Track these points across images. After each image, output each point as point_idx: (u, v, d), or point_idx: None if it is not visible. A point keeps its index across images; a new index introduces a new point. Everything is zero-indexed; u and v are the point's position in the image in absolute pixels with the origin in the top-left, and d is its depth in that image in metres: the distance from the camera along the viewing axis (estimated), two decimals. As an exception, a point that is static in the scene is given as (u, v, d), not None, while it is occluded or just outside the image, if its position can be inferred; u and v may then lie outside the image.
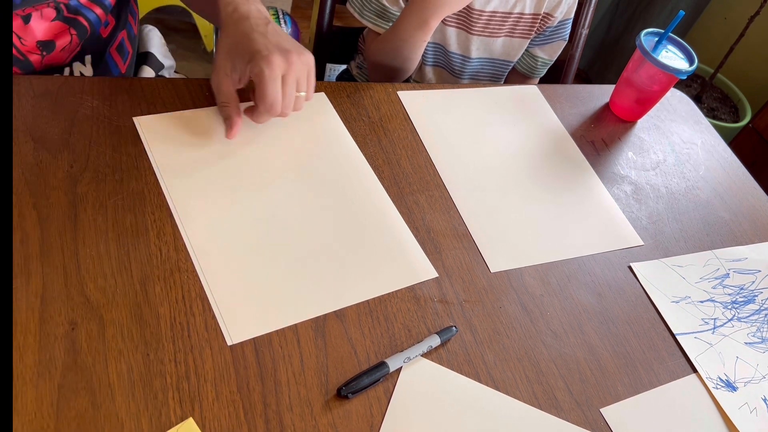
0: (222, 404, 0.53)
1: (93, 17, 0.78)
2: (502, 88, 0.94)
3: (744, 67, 2.05)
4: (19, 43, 0.73)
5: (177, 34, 1.01)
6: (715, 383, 0.67)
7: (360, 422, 0.55)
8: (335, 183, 0.72)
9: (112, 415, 0.50)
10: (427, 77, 1.09)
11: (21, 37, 0.72)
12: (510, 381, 0.61)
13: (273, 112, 0.69)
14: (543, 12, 1.02)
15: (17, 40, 0.72)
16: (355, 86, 0.85)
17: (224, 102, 0.71)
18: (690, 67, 0.87)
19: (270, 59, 0.66)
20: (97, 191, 0.63)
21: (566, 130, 0.90)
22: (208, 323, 0.57)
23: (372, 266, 0.66)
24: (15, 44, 0.72)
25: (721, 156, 0.96)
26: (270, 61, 0.66)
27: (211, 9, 0.75)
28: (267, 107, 0.68)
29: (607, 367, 0.65)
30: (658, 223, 0.82)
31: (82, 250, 0.58)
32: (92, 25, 0.79)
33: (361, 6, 0.96)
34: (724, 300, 0.75)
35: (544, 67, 1.11)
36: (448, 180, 0.77)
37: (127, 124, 0.70)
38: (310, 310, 0.61)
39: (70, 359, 0.52)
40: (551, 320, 0.67)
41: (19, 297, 0.54)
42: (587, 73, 2.37)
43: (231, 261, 0.62)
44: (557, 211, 0.79)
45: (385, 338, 0.61)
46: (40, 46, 0.74)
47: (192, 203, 0.65)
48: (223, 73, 0.71)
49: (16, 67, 0.74)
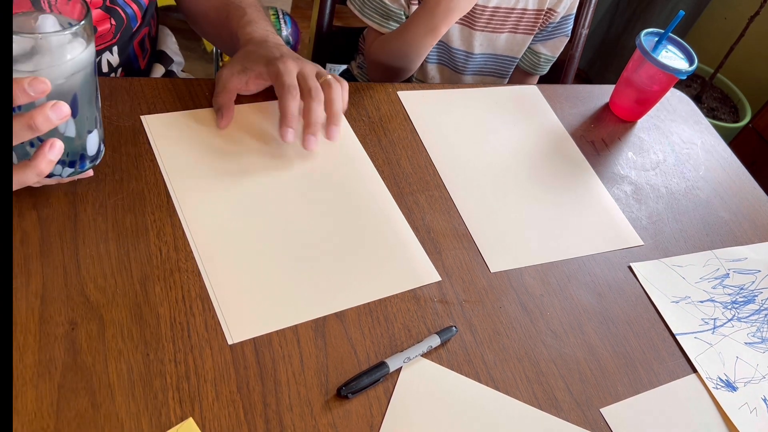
0: (222, 404, 0.53)
1: (130, 12, 0.82)
2: (502, 88, 0.94)
3: (744, 67, 2.05)
4: None
5: (177, 34, 1.02)
6: (715, 383, 0.67)
7: (360, 422, 0.55)
8: (340, 185, 0.72)
9: (112, 415, 0.50)
10: (429, 75, 1.09)
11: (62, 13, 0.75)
12: (510, 381, 0.61)
13: (293, 92, 0.70)
14: (546, 8, 1.02)
15: None
16: (355, 86, 0.85)
17: (220, 91, 0.73)
18: (690, 67, 0.87)
19: (285, 60, 0.71)
20: (97, 191, 0.63)
21: (566, 130, 0.90)
22: (208, 323, 0.57)
23: (375, 268, 0.65)
24: None
25: (721, 156, 0.96)
26: (285, 61, 0.71)
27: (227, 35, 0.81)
28: (287, 90, 0.70)
29: (607, 367, 0.65)
30: (658, 223, 0.82)
31: (82, 250, 0.58)
32: (129, 19, 0.82)
33: (362, 4, 0.97)
34: (724, 300, 0.75)
35: (547, 63, 1.11)
36: (448, 180, 0.77)
37: (127, 124, 0.70)
38: (312, 311, 0.60)
39: (70, 359, 0.52)
40: (551, 320, 0.67)
41: (19, 297, 0.54)
42: (587, 73, 2.37)
43: (233, 260, 0.62)
44: (557, 211, 0.79)
45: (385, 338, 0.61)
46: None
47: (197, 202, 0.65)
48: (230, 70, 0.74)
49: None
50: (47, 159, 0.52)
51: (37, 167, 0.52)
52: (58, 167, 0.57)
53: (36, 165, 0.52)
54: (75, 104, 0.54)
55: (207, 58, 1.97)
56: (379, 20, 0.96)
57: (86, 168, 0.59)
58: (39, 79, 0.48)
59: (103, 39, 0.80)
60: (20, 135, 0.49)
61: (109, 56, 0.83)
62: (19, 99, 0.48)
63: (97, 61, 0.82)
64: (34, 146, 0.54)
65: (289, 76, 0.70)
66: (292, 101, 0.70)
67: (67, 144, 0.55)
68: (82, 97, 0.55)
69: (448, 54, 1.06)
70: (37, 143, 0.53)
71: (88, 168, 0.60)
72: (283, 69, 0.70)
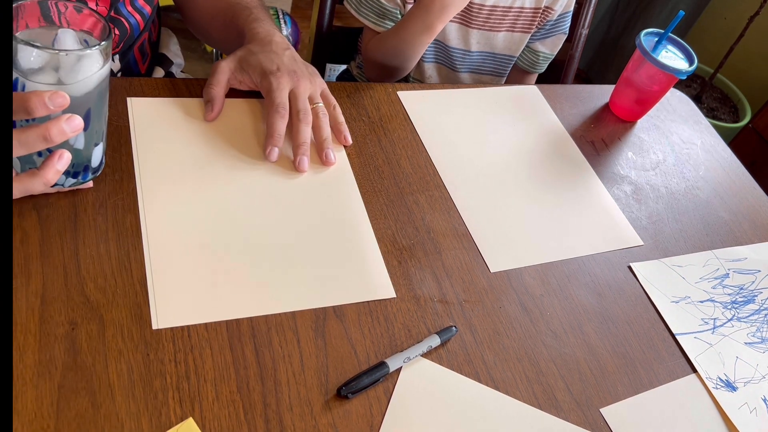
0: (222, 404, 0.53)
1: (134, 22, 0.83)
2: (502, 88, 0.94)
3: (744, 67, 2.05)
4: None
5: (177, 34, 1.02)
6: (715, 383, 0.67)
7: (360, 422, 0.55)
8: (313, 189, 0.71)
9: (112, 415, 0.50)
10: (426, 74, 1.09)
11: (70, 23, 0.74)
12: (510, 381, 0.61)
13: (281, 112, 0.70)
14: (543, 6, 1.02)
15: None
16: (355, 86, 0.85)
17: (213, 83, 0.73)
18: (690, 67, 0.87)
19: (279, 76, 0.72)
20: (97, 191, 0.63)
21: (566, 130, 0.90)
22: (208, 323, 0.57)
23: (328, 276, 0.64)
24: None
25: (721, 156, 0.96)
26: (279, 77, 0.72)
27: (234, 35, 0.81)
28: (275, 108, 0.70)
29: (607, 367, 0.65)
30: (658, 223, 0.82)
31: (82, 250, 0.58)
32: (132, 29, 0.83)
33: (358, 3, 0.97)
34: (724, 300, 0.75)
35: (546, 61, 1.11)
36: (448, 180, 0.77)
37: (127, 125, 0.70)
38: (249, 309, 0.59)
39: (70, 359, 0.52)
40: (551, 320, 0.67)
41: (19, 297, 0.54)
42: (587, 73, 2.37)
43: (179, 249, 0.61)
44: (557, 211, 0.79)
45: (385, 338, 0.61)
46: None
47: (160, 188, 0.65)
48: (228, 65, 0.74)
49: None
50: (55, 169, 0.53)
51: (45, 177, 0.53)
52: (61, 177, 0.58)
53: (44, 174, 0.53)
54: (88, 118, 0.55)
55: (207, 59, 1.97)
56: (375, 19, 0.96)
57: (88, 179, 0.61)
58: (59, 93, 0.50)
59: None
60: (34, 145, 0.51)
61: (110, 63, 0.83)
62: (38, 111, 0.49)
63: None
64: (42, 155, 0.55)
65: (281, 93, 0.71)
66: (280, 120, 0.70)
67: (74, 155, 0.56)
68: (95, 112, 0.56)
69: (445, 52, 1.06)
70: (45, 153, 0.54)
71: (90, 179, 0.61)
72: (276, 85, 0.71)
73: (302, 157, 0.71)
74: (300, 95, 0.72)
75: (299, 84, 0.73)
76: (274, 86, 0.71)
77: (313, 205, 0.69)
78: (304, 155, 0.71)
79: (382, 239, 0.68)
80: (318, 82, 0.76)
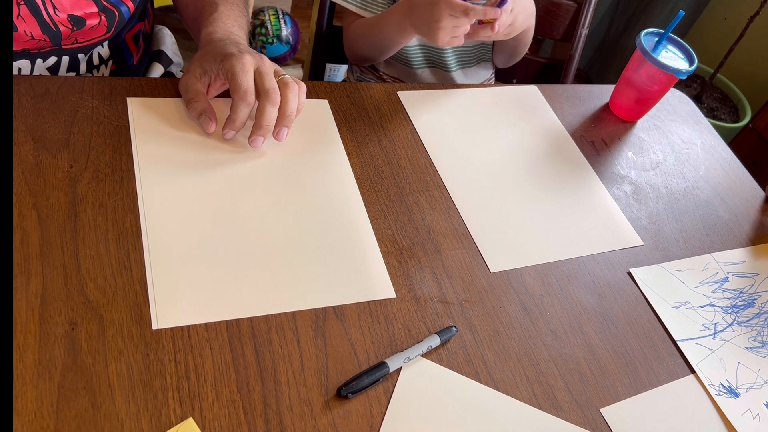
0: (222, 404, 0.53)
1: (125, 10, 0.82)
2: (502, 88, 0.94)
3: (744, 67, 2.05)
4: (53, 13, 0.74)
5: (176, 34, 1.02)
6: (717, 390, 0.66)
7: (360, 422, 0.55)
8: (314, 189, 0.71)
9: (112, 415, 0.50)
10: (419, 78, 1.08)
11: (56, 7, 0.74)
12: (510, 381, 0.61)
13: (248, 99, 0.68)
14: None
15: (52, 10, 0.74)
16: (355, 86, 0.85)
17: (193, 98, 0.71)
18: (690, 67, 0.87)
19: (241, 57, 0.69)
20: (97, 191, 0.63)
21: (566, 130, 0.90)
22: (208, 323, 0.57)
23: (328, 276, 0.64)
24: (49, 13, 0.74)
25: (721, 156, 0.96)
26: (241, 58, 0.69)
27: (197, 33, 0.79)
28: (241, 95, 0.68)
29: (607, 367, 0.65)
30: (658, 223, 0.82)
31: (82, 250, 0.58)
32: (122, 17, 0.82)
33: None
34: (724, 304, 0.75)
35: None
36: (448, 180, 0.77)
37: (127, 125, 0.70)
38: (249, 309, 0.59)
39: (70, 359, 0.52)
40: (551, 320, 0.67)
41: (19, 297, 0.54)
42: (587, 73, 2.37)
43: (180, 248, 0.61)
44: (557, 211, 0.79)
45: (385, 338, 0.61)
46: (71, 21, 0.76)
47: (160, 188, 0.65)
48: (192, 76, 0.72)
49: (47, 35, 0.75)
50: None
51: None
52: None
53: None
54: None
55: (207, 58, 1.96)
56: (357, 2, 0.97)
57: None
58: None
59: (96, 32, 0.80)
60: None
61: (99, 49, 0.83)
62: None
63: (89, 55, 0.82)
64: None
65: (246, 76, 0.68)
66: (245, 108, 0.69)
67: None
68: None
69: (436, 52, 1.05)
70: None
71: None
72: (239, 67, 0.68)
73: (258, 137, 0.69)
74: (265, 73, 0.69)
75: (263, 62, 0.70)
76: (238, 69, 0.68)
77: (313, 205, 0.69)
78: (262, 136, 0.69)
79: (382, 239, 0.68)
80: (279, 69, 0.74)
